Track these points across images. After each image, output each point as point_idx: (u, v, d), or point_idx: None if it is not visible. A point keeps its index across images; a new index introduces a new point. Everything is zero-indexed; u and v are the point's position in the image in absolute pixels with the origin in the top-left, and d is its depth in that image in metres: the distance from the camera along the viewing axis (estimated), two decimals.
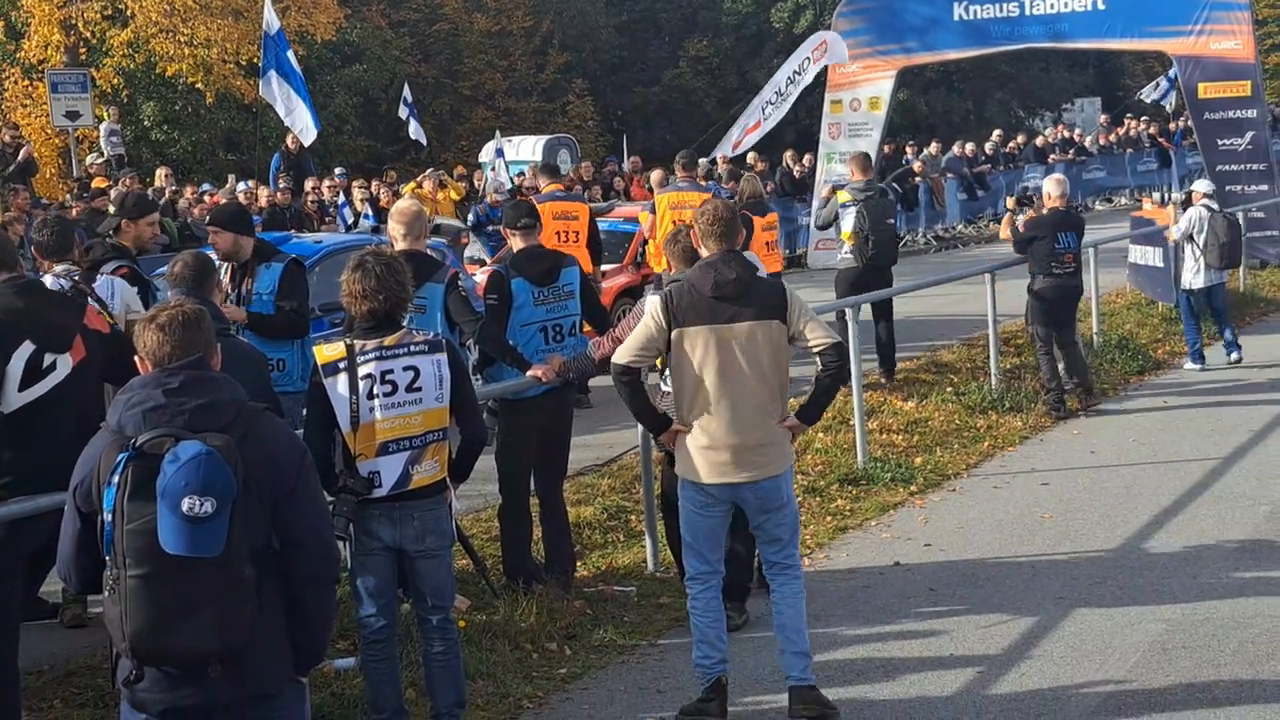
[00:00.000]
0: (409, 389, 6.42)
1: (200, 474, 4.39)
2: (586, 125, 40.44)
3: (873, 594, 8.79)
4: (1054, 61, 47.66)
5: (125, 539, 4.43)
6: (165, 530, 4.39)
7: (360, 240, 14.45)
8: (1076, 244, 13.92)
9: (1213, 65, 21.77)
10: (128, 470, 4.44)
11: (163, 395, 4.59)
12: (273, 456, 4.69)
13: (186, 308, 4.82)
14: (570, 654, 7.99)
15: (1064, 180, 14.70)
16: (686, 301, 6.88)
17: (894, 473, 11.52)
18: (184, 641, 4.49)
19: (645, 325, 6.96)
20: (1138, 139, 38.67)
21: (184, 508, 4.36)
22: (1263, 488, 10.93)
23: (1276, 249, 22.59)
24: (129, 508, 4.43)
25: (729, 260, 6.97)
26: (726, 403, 6.85)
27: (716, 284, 6.86)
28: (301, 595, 4.78)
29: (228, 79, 29.86)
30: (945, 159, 32.63)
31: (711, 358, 6.85)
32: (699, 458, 6.93)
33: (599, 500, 10.76)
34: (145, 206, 9.35)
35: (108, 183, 21.54)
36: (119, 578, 4.46)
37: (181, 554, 4.40)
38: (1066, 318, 14.12)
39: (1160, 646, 7.85)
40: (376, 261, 6.55)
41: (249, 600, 4.57)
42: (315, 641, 4.92)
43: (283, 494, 4.69)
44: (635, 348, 6.95)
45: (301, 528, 4.74)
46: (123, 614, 4.47)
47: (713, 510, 7.05)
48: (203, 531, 4.39)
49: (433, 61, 39.88)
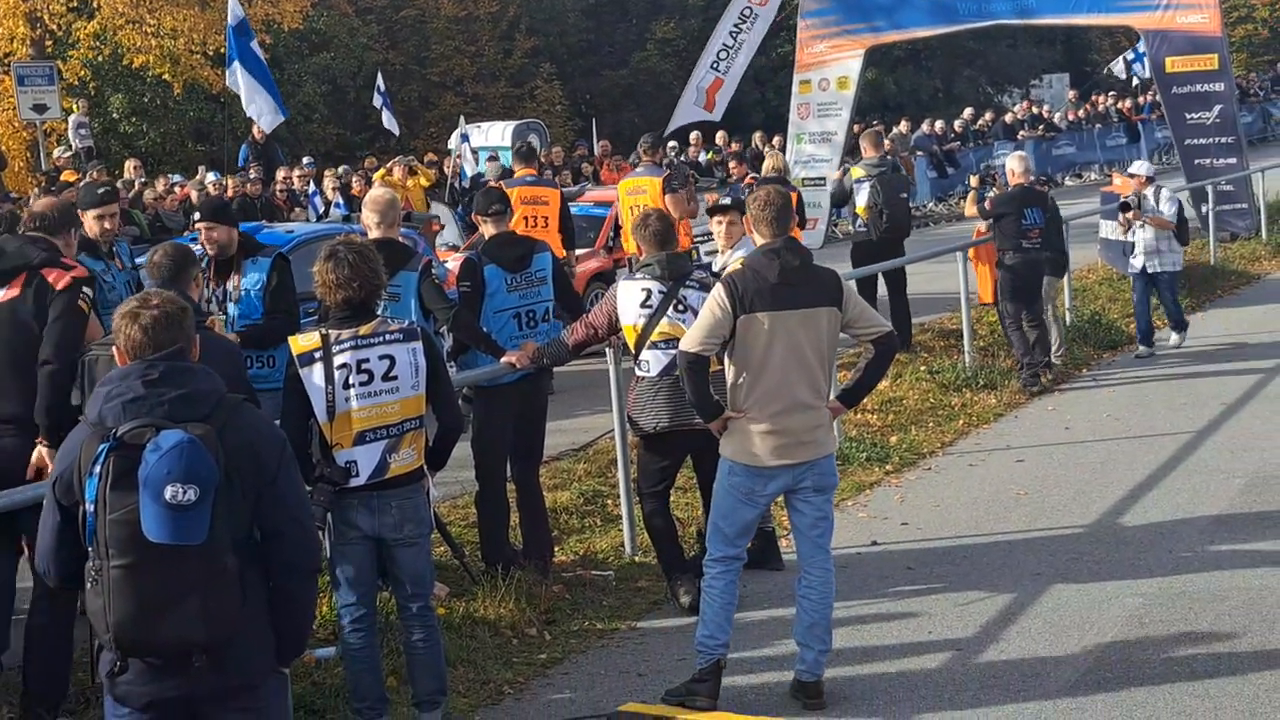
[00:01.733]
0: (385, 378, 6.41)
1: (183, 462, 4.38)
2: (555, 110, 40.35)
3: (851, 573, 8.81)
4: (1021, 38, 47.74)
5: (108, 529, 4.43)
6: (148, 519, 4.38)
7: (332, 229, 14.39)
8: (1042, 219, 14.02)
9: (1180, 39, 21.81)
10: (109, 460, 4.44)
11: (142, 386, 4.58)
12: (253, 446, 4.69)
13: (167, 301, 4.80)
14: (550, 639, 7.99)
15: (1027, 157, 14.82)
16: (753, 288, 6.87)
17: (870, 452, 11.55)
18: (168, 631, 4.49)
19: (711, 313, 6.91)
20: (1106, 114, 38.79)
21: (167, 495, 4.34)
22: (1236, 460, 10.99)
23: (1245, 222, 22.70)
24: (111, 497, 4.42)
25: (791, 246, 7.03)
26: (788, 387, 6.89)
27: (782, 270, 6.88)
28: (284, 585, 4.78)
29: (195, 70, 29.71)
30: (915, 137, 32.68)
31: (777, 343, 6.86)
32: (760, 441, 6.93)
33: (575, 485, 10.77)
34: (90, 200, 8.93)
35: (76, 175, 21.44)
36: (101, 569, 4.46)
37: (165, 542, 4.39)
38: (1034, 291, 14.16)
39: (1137, 620, 7.89)
40: (349, 250, 6.53)
41: (233, 589, 4.57)
42: (297, 631, 4.93)
43: (264, 484, 4.69)
44: (703, 336, 6.91)
45: (283, 517, 4.74)
46: (106, 605, 4.47)
47: (758, 499, 7.07)
48: (185, 519, 4.39)
49: (400, 48, 39.74)
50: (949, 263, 15.31)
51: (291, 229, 14.73)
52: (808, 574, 7.10)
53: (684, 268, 8.15)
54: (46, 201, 8.10)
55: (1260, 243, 22.32)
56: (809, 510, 7.10)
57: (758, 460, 6.95)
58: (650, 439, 8.31)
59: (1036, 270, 14.12)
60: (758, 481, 7.00)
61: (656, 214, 8.44)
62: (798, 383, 6.91)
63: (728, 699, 7.06)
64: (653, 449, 8.37)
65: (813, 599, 7.05)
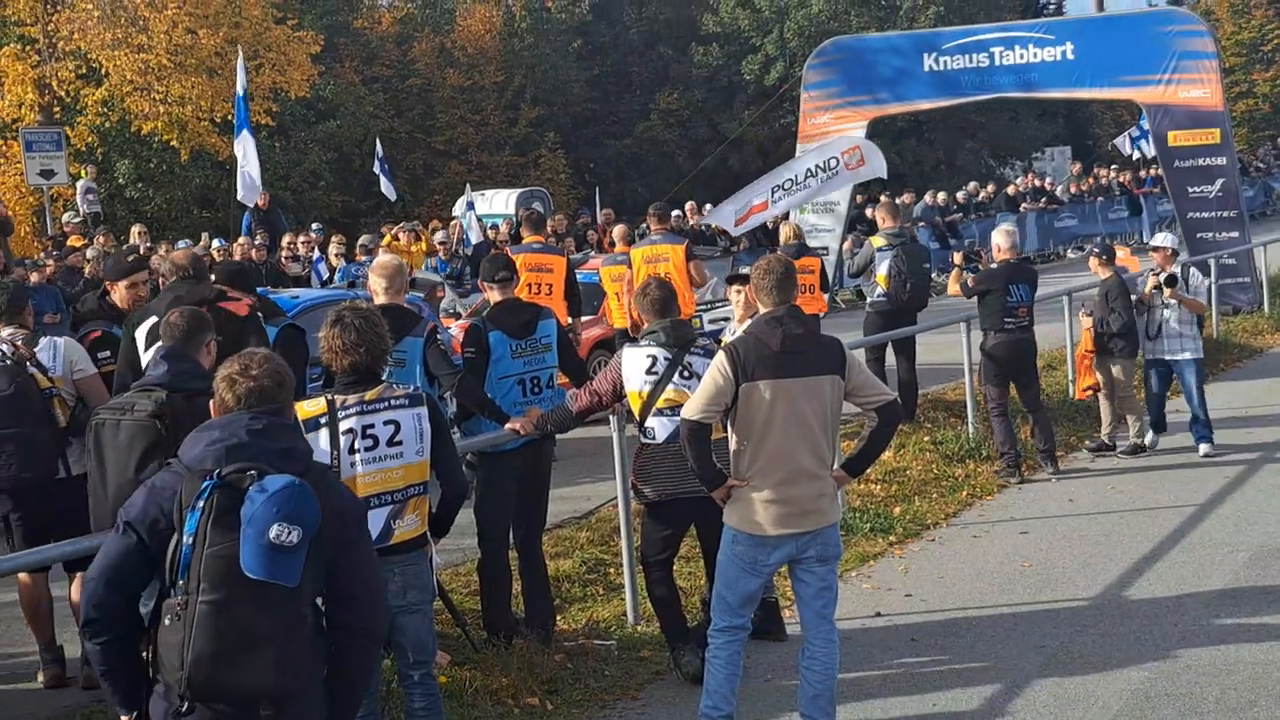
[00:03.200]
0: (390, 443, 6.41)
1: (291, 504, 4.52)
2: (559, 178, 40.58)
3: (854, 645, 8.76)
4: (1024, 111, 48.03)
5: (204, 562, 4.51)
6: (248, 555, 4.48)
7: (336, 295, 14.42)
8: (1030, 297, 13.36)
9: (1181, 113, 21.93)
10: (213, 496, 4.55)
11: (246, 434, 4.72)
12: (337, 508, 4.81)
13: (268, 367, 4.94)
14: (551, 708, 7.94)
15: (1013, 232, 14.11)
16: (755, 355, 6.88)
17: (873, 522, 11.52)
18: (242, 675, 4.55)
19: (713, 380, 6.92)
20: (1108, 187, 38.94)
21: (271, 534, 4.47)
22: (1240, 534, 10.96)
23: (1248, 295, 22.73)
24: (212, 532, 4.53)
25: (794, 315, 7.04)
26: (791, 455, 6.88)
27: (785, 338, 6.90)
28: (349, 648, 4.86)
29: (202, 136, 29.88)
30: (918, 208, 32.79)
31: (779, 411, 6.86)
32: (763, 510, 6.91)
33: (578, 553, 10.72)
34: (124, 269, 9.27)
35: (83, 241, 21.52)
36: (188, 603, 4.52)
37: (261, 578, 4.47)
38: (1026, 375, 13.48)
39: (1143, 695, 7.84)
40: (355, 316, 6.54)
41: (308, 642, 4.68)
42: (354, 697, 4.99)
43: (342, 546, 4.79)
44: (705, 404, 6.91)
45: (358, 581, 4.84)
46: (186, 641, 4.52)
47: (761, 568, 7.03)
48: (284, 560, 4.51)
49: (406, 117, 40.01)
50: (952, 333, 15.31)
51: (296, 294, 14.76)
52: (811, 644, 7.06)
53: (689, 334, 8.16)
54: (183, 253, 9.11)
55: (1263, 316, 22.34)
56: (813, 580, 7.07)
57: (761, 529, 6.93)
58: (654, 506, 8.29)
59: (1023, 351, 13.35)
60: (761, 551, 6.97)
61: (656, 282, 8.45)
62: (801, 451, 6.90)
63: None
64: (657, 517, 8.35)
65: (816, 670, 7.01)
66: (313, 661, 4.73)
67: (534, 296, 13.89)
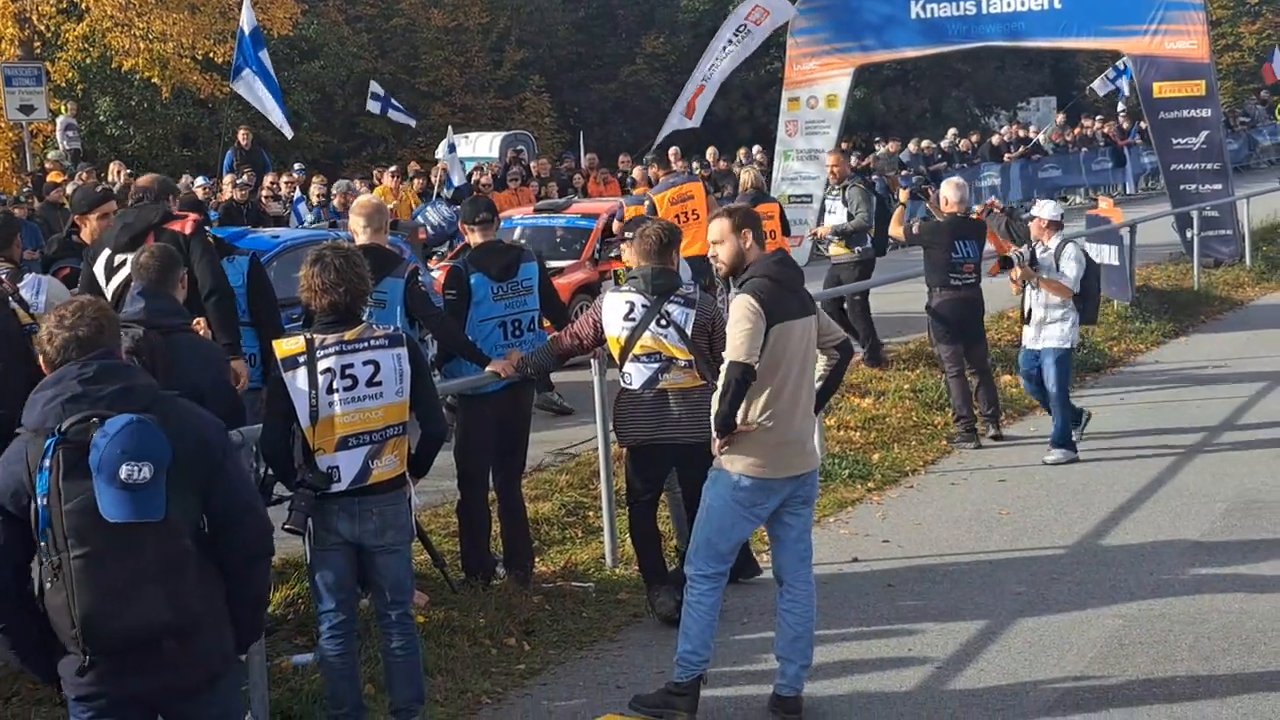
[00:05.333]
0: (369, 383, 6.39)
1: (135, 440, 4.45)
2: (543, 122, 40.38)
3: (831, 590, 8.80)
4: (1010, 60, 47.88)
5: (65, 519, 4.46)
6: (105, 501, 4.43)
7: (317, 236, 14.37)
8: (977, 253, 12.69)
9: (1168, 65, 21.86)
10: (57, 453, 4.49)
11: (79, 385, 4.63)
12: (198, 434, 4.76)
13: (82, 315, 4.81)
14: (529, 649, 7.97)
15: (963, 185, 13.23)
16: (776, 297, 6.82)
17: (852, 469, 11.54)
18: (135, 617, 4.53)
19: (748, 322, 6.72)
20: (1092, 138, 38.90)
21: (122, 475, 4.40)
22: (1218, 485, 11.01)
23: (1230, 248, 22.76)
24: (65, 487, 4.47)
25: (789, 257, 7.16)
26: (799, 395, 6.92)
27: (794, 279, 6.94)
28: (239, 570, 4.85)
29: (184, 74, 29.64)
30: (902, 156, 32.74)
31: (797, 352, 6.88)
32: (772, 454, 6.88)
33: (557, 496, 10.74)
34: (92, 200, 9.23)
35: (63, 177, 21.39)
36: (60, 563, 4.48)
37: (124, 520, 4.43)
38: (973, 334, 12.86)
39: (1117, 642, 7.89)
40: (335, 255, 6.51)
41: (192, 571, 4.64)
42: (254, 617, 5.03)
43: (212, 471, 4.75)
44: (751, 345, 6.72)
45: (234, 503, 4.81)
46: (70, 599, 4.49)
47: (758, 512, 7.01)
48: (142, 497, 4.45)
49: (389, 57, 39.72)
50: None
51: (277, 234, 14.71)
52: (791, 588, 7.08)
53: (670, 283, 8.11)
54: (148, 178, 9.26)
55: (1244, 269, 22.40)
56: (796, 523, 7.09)
57: (770, 472, 6.89)
58: (634, 450, 8.30)
59: (970, 309, 12.73)
60: (763, 494, 6.94)
61: (659, 225, 8.37)
62: (803, 391, 6.96)
63: (704, 713, 7.03)
64: (637, 460, 8.36)
65: (795, 613, 7.04)
66: (204, 589, 4.71)
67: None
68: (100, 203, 9.18)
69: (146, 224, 8.49)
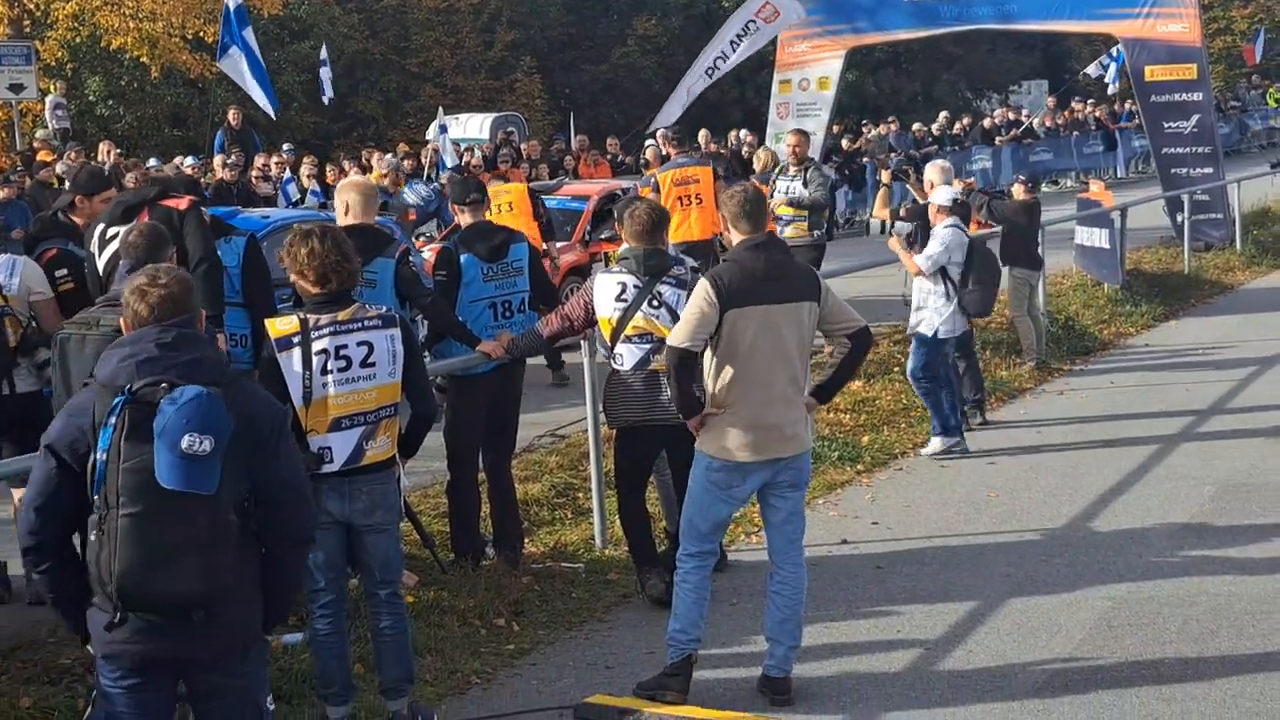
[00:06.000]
0: (363, 364, 6.36)
1: (200, 413, 4.53)
2: (534, 103, 40.25)
3: (821, 572, 8.80)
4: (1001, 43, 47.81)
5: (120, 477, 4.54)
6: (162, 467, 4.50)
7: (308, 216, 14.34)
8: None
9: (1159, 48, 21.87)
10: (124, 412, 4.57)
11: (156, 348, 4.71)
12: (257, 414, 4.84)
13: (175, 275, 4.96)
14: (518, 630, 7.97)
15: (948, 168, 13.04)
16: (738, 282, 6.84)
17: (841, 451, 11.54)
18: (170, 583, 4.60)
19: (699, 307, 6.84)
20: (1084, 121, 38.88)
21: (183, 445, 4.48)
22: (1207, 468, 11.02)
23: (1220, 232, 22.79)
24: (125, 447, 4.55)
25: (774, 242, 7.08)
26: (771, 381, 6.88)
27: (768, 265, 6.89)
28: (278, 551, 4.92)
29: (173, 53, 29.54)
30: (893, 139, 32.70)
31: (761, 338, 6.85)
32: (739, 437, 6.90)
33: (547, 477, 10.74)
34: (100, 183, 9.20)
35: (53, 156, 21.32)
36: (107, 518, 4.55)
37: (177, 489, 4.51)
38: None
39: (1106, 624, 7.90)
40: (327, 234, 6.47)
41: (233, 547, 4.72)
42: (285, 598, 5.10)
43: (265, 451, 4.81)
44: (692, 330, 6.84)
45: (282, 485, 4.87)
46: (111, 554, 4.55)
47: (735, 494, 7.05)
48: (199, 469, 4.53)
49: (380, 38, 39.58)
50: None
51: (267, 214, 14.67)
52: (780, 569, 7.09)
53: (662, 264, 8.10)
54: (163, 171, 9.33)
55: (1235, 253, 22.41)
56: (783, 506, 7.09)
57: (738, 456, 6.93)
58: (625, 432, 8.30)
59: None
60: (736, 477, 6.98)
61: (648, 205, 8.38)
62: (779, 377, 6.91)
63: (694, 693, 7.03)
64: (627, 442, 8.35)
65: (785, 594, 7.05)
66: (240, 565, 4.78)
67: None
68: (105, 188, 9.14)
69: (142, 198, 8.47)
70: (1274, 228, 24.95)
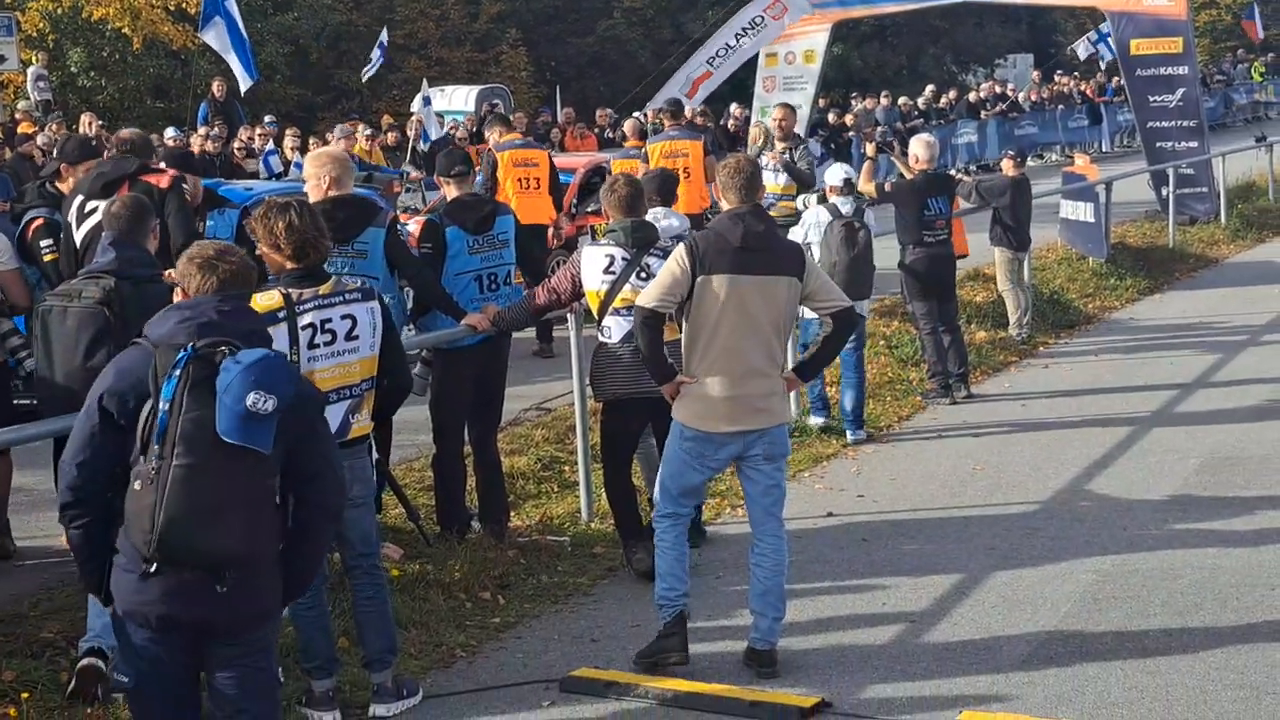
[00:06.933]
0: (348, 337, 6.33)
1: (268, 373, 4.67)
2: (520, 76, 40.11)
3: (806, 545, 8.81)
4: (987, 17, 47.72)
5: (181, 426, 4.61)
6: (224, 419, 4.60)
7: (291, 188, 14.27)
8: (948, 208, 12.64)
9: (1145, 21, 21.86)
10: (189, 366, 4.66)
11: (215, 314, 4.85)
12: (305, 390, 5.00)
13: (242, 255, 5.12)
14: (504, 603, 7.96)
15: (933, 143, 13.21)
16: (713, 250, 6.86)
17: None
18: (213, 538, 4.65)
19: (670, 271, 6.91)
20: (1069, 95, 38.86)
21: (249, 402, 4.59)
22: (1192, 441, 11.04)
23: (1205, 206, 22.79)
24: (188, 400, 4.63)
25: (757, 213, 7.05)
26: (743, 352, 6.89)
27: (745, 235, 6.88)
28: (309, 523, 5.00)
29: (155, 24, 29.39)
30: (879, 113, 32.67)
31: (733, 307, 6.85)
32: (711, 406, 6.93)
33: (533, 450, 10.73)
34: (87, 152, 9.15)
35: (34, 128, 21.22)
36: (161, 468, 4.60)
37: (238, 442, 4.61)
38: (945, 290, 12.78)
39: (1091, 597, 7.91)
40: (302, 207, 6.41)
41: (272, 512, 4.83)
42: (308, 571, 5.16)
43: (308, 426, 4.93)
44: (661, 292, 6.91)
45: (321, 460, 4.98)
46: (158, 503, 4.59)
47: (708, 463, 7.07)
48: (259, 427, 4.64)
49: (364, 9, 39.36)
50: None
51: (250, 186, 14.61)
52: (760, 542, 7.10)
53: (649, 236, 8.10)
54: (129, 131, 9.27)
55: (1219, 227, 22.42)
56: (760, 478, 7.10)
57: (710, 425, 6.96)
58: (611, 405, 8.29)
59: (942, 265, 12.66)
60: (709, 446, 7.00)
61: (625, 179, 8.39)
62: (752, 348, 6.91)
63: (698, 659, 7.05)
64: (614, 415, 8.35)
65: (765, 566, 7.06)
66: (273, 532, 4.86)
67: (524, 192, 13.92)
68: (90, 157, 9.08)
69: (122, 173, 8.41)
70: (1258, 201, 24.99)
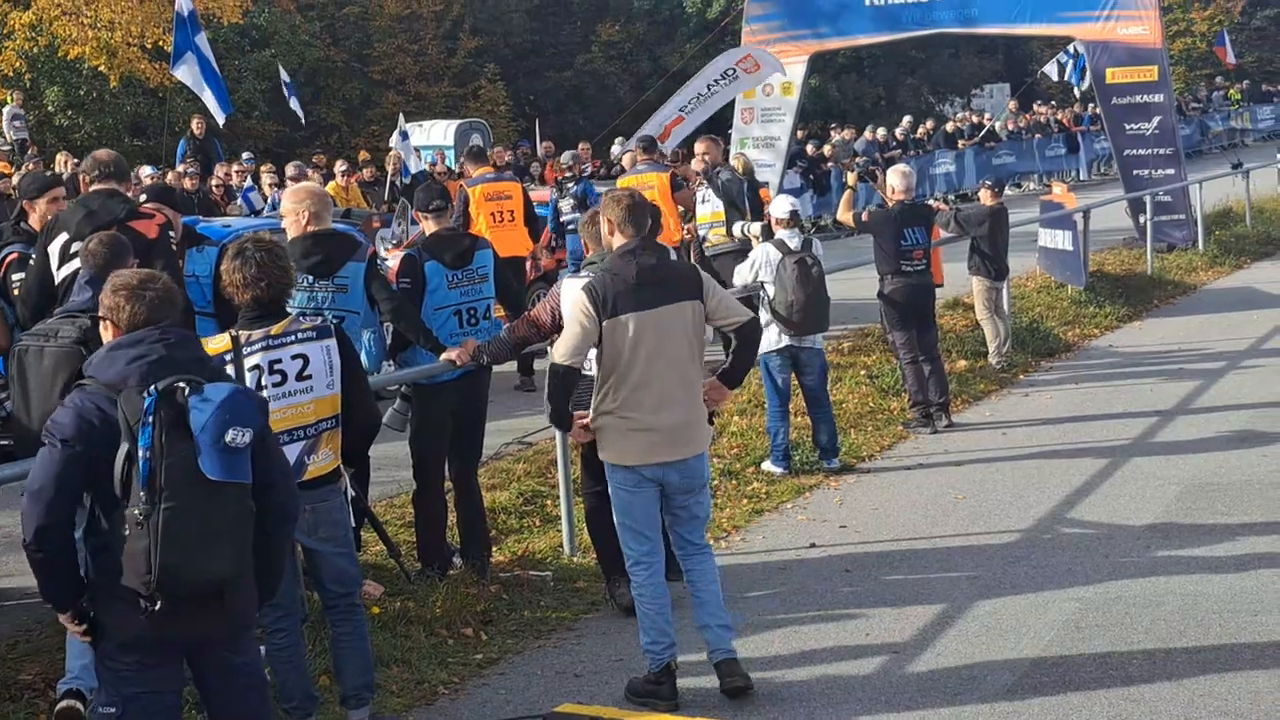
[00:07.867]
0: (299, 377, 6.30)
1: (239, 408, 4.88)
2: (499, 110, 40.18)
3: (789, 576, 8.79)
4: (964, 47, 47.97)
5: (164, 473, 4.76)
6: (208, 461, 4.80)
7: (269, 225, 14.25)
8: (925, 239, 12.62)
9: (1120, 50, 21.97)
10: (159, 411, 4.79)
11: (163, 349, 5.00)
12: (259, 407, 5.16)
13: (163, 277, 5.27)
14: (486, 639, 7.93)
15: (909, 173, 13.18)
16: (612, 292, 6.93)
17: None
18: (209, 568, 4.88)
19: (577, 323, 6.97)
20: (1046, 124, 39.04)
21: (227, 438, 4.81)
22: (1172, 468, 11.05)
23: (1183, 233, 22.87)
24: (167, 443, 4.78)
25: (647, 247, 7.11)
26: (656, 384, 6.95)
27: (639, 272, 6.94)
28: (272, 529, 5.19)
29: (132, 63, 29.28)
30: (856, 144, 32.76)
31: (642, 342, 6.91)
32: (629, 441, 7.00)
33: (514, 485, 10.70)
34: (43, 184, 9.08)
35: (11, 168, 21.18)
36: (149, 513, 4.76)
37: (222, 480, 4.82)
38: (924, 320, 12.78)
39: (1074, 625, 7.90)
40: (257, 248, 6.38)
41: (251, 529, 5.03)
42: (277, 575, 5.42)
43: (265, 440, 5.10)
44: (572, 349, 7.00)
45: (273, 468, 5.16)
46: (151, 546, 4.77)
47: (645, 489, 7.09)
48: (238, 459, 4.87)
49: (342, 46, 39.44)
50: None
51: (228, 223, 14.59)
52: (685, 562, 7.22)
53: None
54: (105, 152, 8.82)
55: (1197, 254, 22.51)
56: (682, 511, 7.18)
57: (628, 460, 7.04)
58: None
59: (921, 295, 12.68)
60: (633, 478, 7.09)
61: None
62: (669, 379, 6.99)
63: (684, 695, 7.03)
64: (595, 448, 8.31)
65: (696, 580, 7.15)
66: (250, 545, 5.07)
67: (497, 226, 13.93)
68: (50, 187, 9.01)
69: (112, 218, 8.32)
70: (1236, 228, 25.08)
